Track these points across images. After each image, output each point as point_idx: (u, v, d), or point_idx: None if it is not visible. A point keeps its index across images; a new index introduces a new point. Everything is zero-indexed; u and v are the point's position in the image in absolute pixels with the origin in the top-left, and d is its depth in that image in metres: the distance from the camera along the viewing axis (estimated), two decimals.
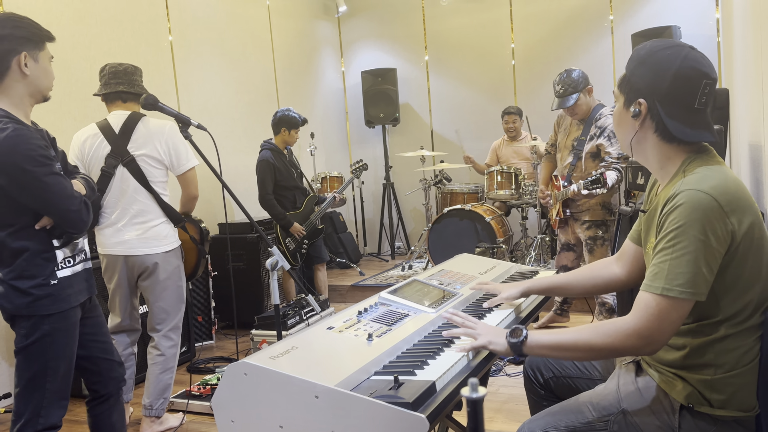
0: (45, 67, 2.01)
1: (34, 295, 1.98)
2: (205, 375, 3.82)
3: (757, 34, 2.31)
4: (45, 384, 2.03)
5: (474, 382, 0.86)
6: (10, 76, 1.93)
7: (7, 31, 1.90)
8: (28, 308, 1.99)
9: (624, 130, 1.59)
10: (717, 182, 1.41)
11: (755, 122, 2.44)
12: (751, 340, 1.45)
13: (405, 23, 7.20)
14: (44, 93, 2.04)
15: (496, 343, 1.52)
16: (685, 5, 5.90)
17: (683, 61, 1.46)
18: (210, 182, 5.20)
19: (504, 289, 1.96)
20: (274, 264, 2.43)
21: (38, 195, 1.92)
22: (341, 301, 5.63)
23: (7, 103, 1.95)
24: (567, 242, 4.02)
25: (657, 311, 1.39)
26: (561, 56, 6.40)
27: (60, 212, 1.97)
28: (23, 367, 2.03)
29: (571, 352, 1.49)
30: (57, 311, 2.02)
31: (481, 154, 6.78)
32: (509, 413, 3.02)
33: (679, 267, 1.38)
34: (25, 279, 1.97)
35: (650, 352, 1.43)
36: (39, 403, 2.03)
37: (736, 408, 1.45)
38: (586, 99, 3.72)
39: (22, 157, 1.87)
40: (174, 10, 5.00)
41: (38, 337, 2.00)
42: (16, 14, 1.97)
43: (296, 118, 4.59)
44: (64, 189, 1.96)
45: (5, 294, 1.99)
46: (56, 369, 2.05)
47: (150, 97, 2.49)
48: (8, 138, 1.85)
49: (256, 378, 1.32)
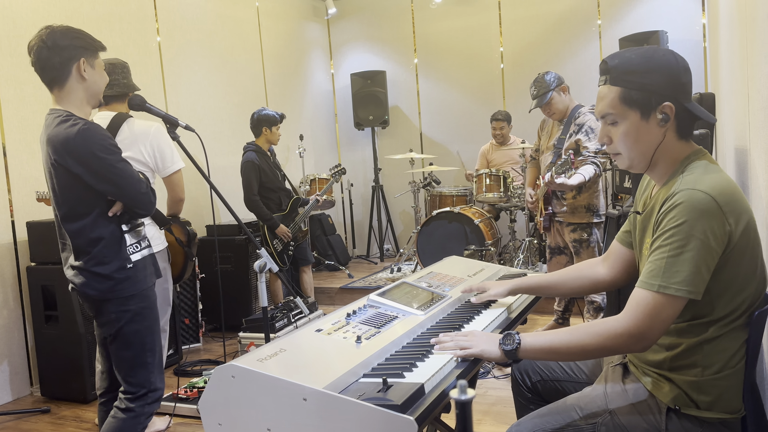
0: (100, 72, 2.22)
1: (115, 279, 2.17)
2: (192, 378, 3.80)
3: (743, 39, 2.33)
4: (146, 359, 2.27)
5: (463, 384, 0.86)
6: (72, 81, 2.14)
7: (67, 42, 2.11)
8: (112, 292, 2.17)
9: (645, 144, 1.52)
10: (715, 183, 1.41)
11: (741, 126, 2.46)
12: (740, 342, 1.46)
13: (394, 26, 7.21)
14: (99, 96, 2.24)
15: (490, 351, 1.50)
16: (672, 10, 5.96)
17: (678, 56, 1.51)
18: (198, 184, 5.18)
19: (492, 286, 1.97)
20: (263, 266, 2.41)
21: (113, 180, 2.11)
22: (330, 304, 5.62)
23: (70, 105, 2.16)
24: (557, 246, 4.04)
25: (651, 308, 1.39)
26: (549, 60, 6.44)
27: (133, 195, 2.16)
28: (123, 349, 2.23)
29: (565, 353, 1.49)
30: (138, 291, 2.23)
31: (470, 158, 6.81)
32: (497, 415, 3.03)
33: (676, 265, 1.38)
34: (106, 264, 2.16)
35: (641, 349, 1.43)
36: (146, 378, 2.27)
37: (723, 410, 1.46)
38: (561, 97, 3.79)
39: (97, 147, 2.07)
40: (162, 10, 4.97)
41: (129, 317, 2.21)
42: (73, 27, 2.17)
43: (273, 115, 4.58)
44: (134, 174, 2.17)
45: (88, 282, 2.16)
46: (152, 344, 2.28)
47: (137, 97, 2.48)
48: (81, 131, 2.06)
49: (244, 381, 1.31)
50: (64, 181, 2.12)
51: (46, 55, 2.09)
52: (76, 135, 2.05)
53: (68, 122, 2.08)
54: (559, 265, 4.05)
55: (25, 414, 3.50)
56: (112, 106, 2.97)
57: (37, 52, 2.10)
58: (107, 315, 2.20)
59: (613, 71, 1.52)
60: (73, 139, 2.05)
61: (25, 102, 3.90)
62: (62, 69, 2.12)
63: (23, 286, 3.82)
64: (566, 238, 3.91)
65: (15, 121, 3.86)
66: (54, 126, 2.09)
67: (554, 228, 4.00)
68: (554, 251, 4.06)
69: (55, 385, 3.68)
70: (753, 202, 2.14)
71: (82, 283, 2.16)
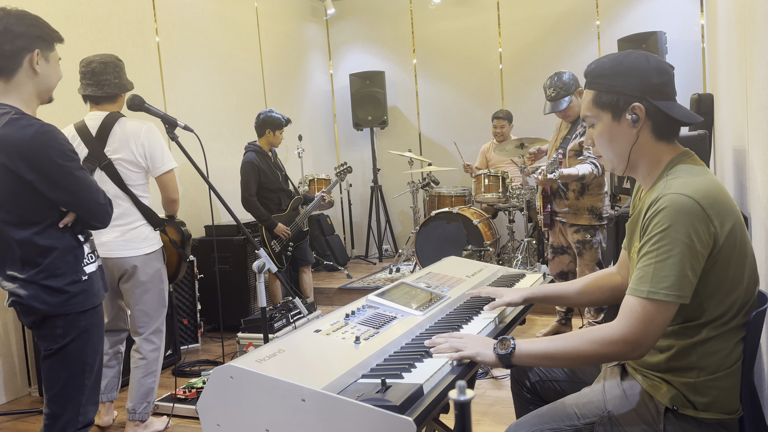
0: (54, 67, 2.02)
1: (69, 292, 1.97)
2: (190, 378, 3.79)
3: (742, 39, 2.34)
4: (84, 381, 2.03)
5: (462, 384, 0.86)
6: (22, 73, 1.93)
7: (23, 29, 1.91)
8: (63, 307, 1.97)
9: (619, 145, 1.56)
10: (699, 186, 1.42)
11: (739, 127, 2.46)
12: (733, 343, 1.46)
13: (393, 26, 7.21)
14: (50, 93, 2.04)
15: (484, 354, 1.50)
16: (671, 11, 5.96)
17: (652, 59, 1.54)
18: (196, 184, 5.17)
19: (505, 293, 1.93)
20: (261, 266, 2.41)
21: (70, 189, 1.93)
22: (328, 304, 5.61)
23: (17, 100, 1.95)
24: (560, 246, 4.03)
25: (643, 315, 1.39)
26: (548, 61, 6.45)
27: (89, 206, 1.98)
28: (59, 367, 2.01)
29: (560, 360, 1.49)
30: (91, 306, 2.03)
31: (469, 158, 6.81)
32: (496, 416, 3.03)
33: (663, 270, 1.39)
34: (58, 277, 1.96)
35: (638, 356, 1.43)
36: (78, 401, 2.03)
37: (720, 411, 1.46)
38: (578, 101, 3.74)
39: (54, 152, 1.88)
40: (161, 11, 4.97)
41: (76, 334, 2.00)
42: (30, 13, 1.97)
43: (279, 118, 4.58)
44: (93, 183, 2.00)
45: (36, 295, 1.94)
46: (93, 364, 2.06)
47: (136, 98, 2.47)
48: (38, 134, 1.87)
49: (243, 381, 1.31)
50: (11, 186, 1.89)
51: None
52: (32, 138, 1.85)
53: (20, 122, 1.86)
54: (561, 265, 4.04)
55: (23, 414, 3.50)
56: (103, 107, 2.91)
57: None
58: (52, 329, 1.99)
59: (588, 76, 1.59)
60: (28, 142, 1.85)
61: None
62: (12, 59, 1.89)
63: None
64: (569, 239, 3.91)
65: None
66: (1, 125, 1.86)
67: (557, 227, 4.00)
68: (557, 251, 4.05)
69: None
70: (751, 203, 2.14)
71: (29, 296, 1.93)
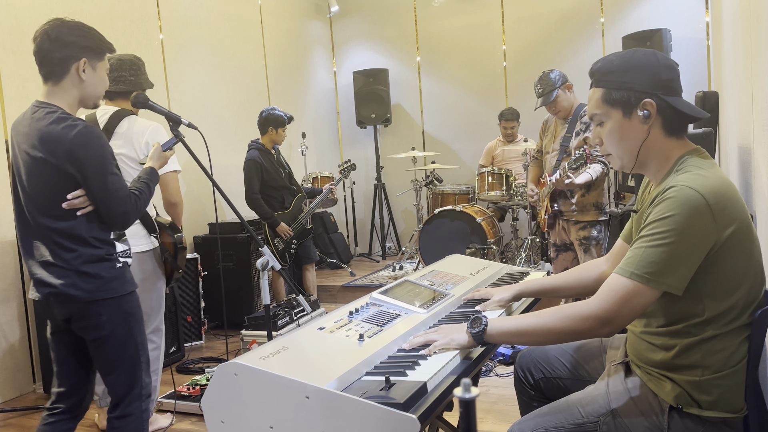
0: (101, 76, 2.13)
1: (104, 278, 2.05)
2: (194, 375, 3.80)
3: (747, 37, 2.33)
4: (139, 359, 2.16)
5: (467, 382, 0.85)
6: (68, 80, 2.05)
7: (72, 38, 2.03)
8: (100, 292, 2.05)
9: (629, 142, 1.55)
10: (709, 182, 1.42)
11: (744, 125, 2.45)
12: (738, 342, 1.46)
13: (397, 24, 7.20)
14: (94, 100, 2.15)
15: (458, 338, 1.53)
16: (676, 8, 5.94)
17: (659, 55, 1.55)
18: (201, 182, 5.18)
19: (496, 292, 1.96)
20: (265, 264, 2.41)
21: (98, 189, 2.02)
22: (332, 302, 5.62)
23: (63, 102, 2.06)
24: (563, 243, 4.02)
25: (621, 295, 1.41)
26: (552, 58, 6.43)
27: (110, 208, 2.05)
28: (114, 353, 2.10)
29: (532, 337, 1.52)
30: (127, 292, 2.12)
31: (473, 155, 6.81)
32: (500, 414, 3.03)
33: (653, 256, 1.40)
34: (94, 263, 2.05)
35: (607, 333, 1.45)
36: (139, 378, 2.16)
37: (725, 409, 1.46)
38: (566, 95, 3.82)
39: (93, 152, 2.00)
40: (165, 8, 4.97)
41: (121, 318, 2.10)
42: (84, 24, 2.10)
43: (282, 116, 4.57)
44: (121, 189, 2.08)
45: (72, 282, 2.02)
46: (144, 342, 2.19)
47: (140, 95, 2.47)
48: (80, 134, 1.98)
49: (247, 378, 1.31)
50: (51, 180, 2.00)
51: (47, 47, 2.01)
52: (74, 137, 1.97)
53: (66, 121, 1.99)
54: (566, 262, 4.04)
55: (28, 411, 3.51)
56: (117, 102, 2.93)
57: (39, 42, 2.02)
58: (96, 317, 2.06)
59: (596, 74, 1.59)
60: (71, 140, 1.96)
61: (28, 99, 3.90)
62: (61, 65, 2.02)
63: (26, 282, 3.83)
64: (572, 236, 3.91)
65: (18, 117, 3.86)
66: (47, 122, 1.98)
67: (559, 225, 4.00)
68: (560, 248, 4.05)
69: None
70: (756, 201, 2.13)
71: (64, 284, 2.01)
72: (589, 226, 3.83)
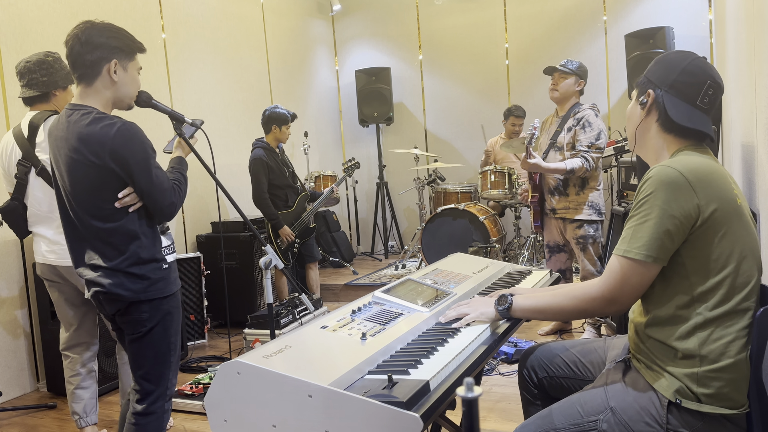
0: (133, 76, 2.15)
1: (150, 279, 2.10)
2: (197, 374, 3.81)
3: (750, 35, 2.32)
4: (170, 359, 2.22)
5: (470, 381, 0.86)
6: (100, 81, 2.07)
7: (102, 40, 2.05)
8: (146, 292, 2.10)
9: (632, 121, 1.71)
10: (689, 162, 1.51)
11: (748, 123, 2.45)
12: (734, 332, 1.47)
13: (399, 22, 7.19)
14: (128, 101, 2.17)
15: (487, 312, 1.74)
16: (679, 6, 5.92)
17: (692, 61, 1.61)
18: (203, 180, 5.18)
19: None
20: (268, 263, 2.42)
21: (143, 183, 2.05)
22: (334, 300, 5.62)
23: (97, 103, 2.09)
24: (555, 244, 4.02)
25: (620, 273, 1.52)
26: (554, 56, 6.42)
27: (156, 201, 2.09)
28: (147, 349, 2.17)
29: (548, 314, 1.69)
30: (170, 293, 2.17)
31: (475, 154, 6.80)
32: (502, 412, 3.03)
33: (640, 231, 1.49)
34: (141, 264, 2.09)
35: (615, 312, 1.57)
36: (167, 376, 2.22)
37: (724, 404, 1.46)
38: (571, 83, 3.85)
39: (135, 147, 2.02)
40: (167, 7, 4.98)
41: (161, 317, 2.15)
42: (113, 25, 2.11)
43: (285, 114, 4.57)
44: (164, 182, 2.11)
45: (120, 283, 2.07)
46: (176, 343, 2.24)
47: (143, 94, 2.47)
48: (120, 131, 2.00)
49: (249, 377, 1.31)
50: (97, 181, 2.02)
51: (78, 50, 2.02)
52: (115, 135, 1.99)
53: (104, 120, 2.01)
54: (559, 263, 4.04)
55: (32, 409, 3.52)
56: (36, 107, 2.81)
57: (71, 45, 2.03)
58: (138, 314, 2.11)
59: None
60: (112, 138, 1.98)
61: None
62: (92, 67, 2.04)
63: (29, 281, 3.84)
64: (568, 236, 3.90)
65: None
66: (84, 123, 2.00)
67: (552, 225, 4.00)
68: (553, 249, 4.04)
69: (62, 381, 3.69)
70: (760, 199, 2.13)
71: (112, 284, 2.06)
72: (585, 225, 3.83)
